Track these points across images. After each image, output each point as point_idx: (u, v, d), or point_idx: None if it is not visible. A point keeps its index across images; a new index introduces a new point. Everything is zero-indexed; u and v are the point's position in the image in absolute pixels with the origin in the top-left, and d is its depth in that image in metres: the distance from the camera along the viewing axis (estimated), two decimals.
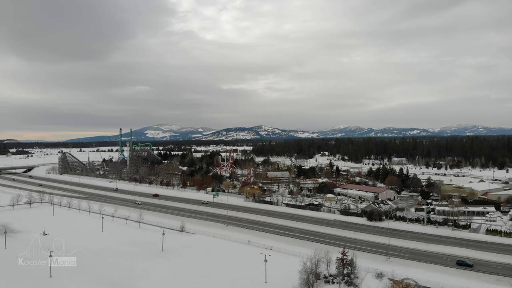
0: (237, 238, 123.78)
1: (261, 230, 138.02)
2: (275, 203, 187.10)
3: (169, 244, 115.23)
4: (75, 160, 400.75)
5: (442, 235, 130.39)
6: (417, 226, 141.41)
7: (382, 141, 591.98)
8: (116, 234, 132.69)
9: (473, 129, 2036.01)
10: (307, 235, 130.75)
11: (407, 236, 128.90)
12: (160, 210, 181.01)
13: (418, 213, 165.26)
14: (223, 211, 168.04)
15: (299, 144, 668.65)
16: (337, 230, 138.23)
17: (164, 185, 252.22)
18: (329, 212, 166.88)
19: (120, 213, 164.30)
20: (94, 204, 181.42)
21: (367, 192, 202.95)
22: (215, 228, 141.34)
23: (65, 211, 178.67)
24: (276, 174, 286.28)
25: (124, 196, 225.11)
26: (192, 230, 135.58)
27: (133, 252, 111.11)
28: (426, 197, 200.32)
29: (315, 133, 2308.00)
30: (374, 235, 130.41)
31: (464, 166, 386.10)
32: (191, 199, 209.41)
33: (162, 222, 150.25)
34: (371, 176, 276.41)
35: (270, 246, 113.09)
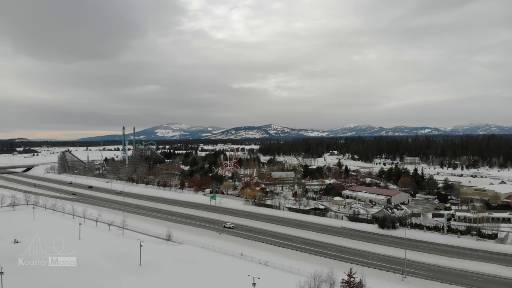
0: (229, 249, 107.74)
1: (258, 240, 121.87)
2: (277, 207, 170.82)
3: (150, 257, 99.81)
4: (75, 159, 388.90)
5: (465, 246, 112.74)
6: (436, 236, 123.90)
7: (394, 139, 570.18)
8: (94, 243, 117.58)
9: (485, 128, 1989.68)
10: (309, 246, 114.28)
11: (425, 248, 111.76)
12: (150, 214, 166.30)
13: (436, 219, 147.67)
14: (218, 216, 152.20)
15: (307, 142, 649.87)
16: (344, 240, 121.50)
17: (161, 186, 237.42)
18: (336, 218, 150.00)
19: (105, 217, 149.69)
20: (80, 206, 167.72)
21: (379, 195, 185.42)
22: (207, 236, 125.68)
23: (48, 215, 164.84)
24: (280, 175, 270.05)
25: (114, 198, 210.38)
26: (180, 239, 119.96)
27: (107, 266, 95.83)
28: (444, 200, 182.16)
29: (325, 132, 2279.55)
30: (387, 247, 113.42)
31: (481, 166, 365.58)
32: (186, 201, 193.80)
33: (148, 228, 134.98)
34: (382, 176, 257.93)
35: (265, 260, 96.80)
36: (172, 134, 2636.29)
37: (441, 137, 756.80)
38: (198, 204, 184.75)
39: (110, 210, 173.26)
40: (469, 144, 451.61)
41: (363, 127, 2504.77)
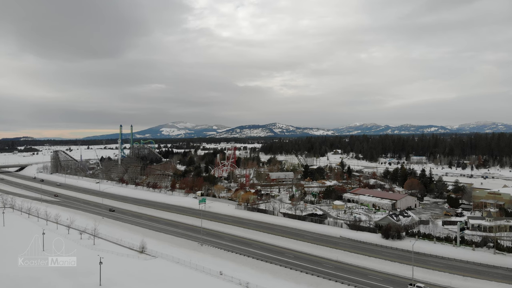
0: (207, 265, 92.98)
1: (244, 253, 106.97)
2: (271, 212, 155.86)
3: (114, 274, 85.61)
4: (69, 159, 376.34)
5: (482, 262, 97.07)
6: (448, 248, 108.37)
7: (400, 138, 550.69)
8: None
9: (492, 126, 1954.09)
10: (301, 261, 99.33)
11: (435, 264, 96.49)
12: (131, 220, 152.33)
13: (447, 227, 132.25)
14: (205, 222, 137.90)
15: (310, 141, 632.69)
16: (342, 253, 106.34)
17: (150, 187, 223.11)
18: (334, 226, 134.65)
19: (80, 223, 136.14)
20: (57, 210, 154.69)
21: (383, 199, 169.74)
22: (186, 248, 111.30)
23: (21, 220, 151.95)
24: (278, 175, 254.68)
25: (98, 200, 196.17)
26: (155, 251, 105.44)
27: (63, 285, 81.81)
28: (454, 205, 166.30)
29: (330, 131, 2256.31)
30: (392, 262, 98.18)
31: (492, 166, 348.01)
32: (174, 205, 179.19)
33: (124, 237, 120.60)
34: (387, 178, 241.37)
35: (246, 281, 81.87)
36: (178, 132, 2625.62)
37: (448, 136, 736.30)
38: (186, 208, 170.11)
39: (88, 214, 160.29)
40: (478, 142, 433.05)
41: (369, 125, 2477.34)
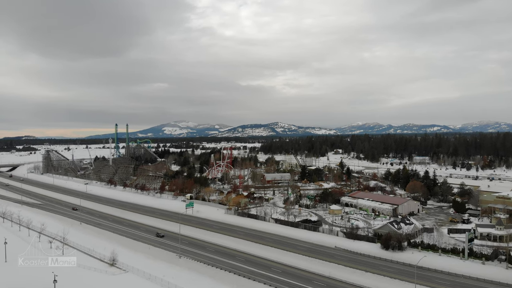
0: (182, 283, 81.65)
1: (226, 267, 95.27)
2: (262, 218, 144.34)
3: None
4: (62, 158, 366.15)
5: (493, 279, 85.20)
6: (455, 261, 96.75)
7: (402, 138, 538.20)
8: (19, 269, 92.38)
9: (495, 125, 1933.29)
10: (290, 278, 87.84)
11: (441, 281, 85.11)
12: (109, 226, 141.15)
13: (453, 236, 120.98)
14: (190, 229, 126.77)
15: (310, 141, 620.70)
16: (336, 267, 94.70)
17: (139, 189, 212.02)
18: (329, 234, 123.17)
19: (54, 229, 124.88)
20: (33, 214, 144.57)
21: (383, 203, 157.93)
22: (162, 260, 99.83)
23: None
24: (274, 176, 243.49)
25: (83, 202, 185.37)
26: (126, 264, 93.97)
27: None
28: (460, 210, 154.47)
29: (332, 130, 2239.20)
30: (391, 279, 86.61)
31: (498, 167, 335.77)
32: (160, 209, 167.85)
33: (96, 247, 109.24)
34: (389, 180, 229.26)
35: None
36: (180, 131, 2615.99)
37: (451, 135, 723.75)
38: (172, 213, 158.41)
39: (65, 219, 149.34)
40: (482, 142, 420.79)
41: (371, 124, 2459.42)
